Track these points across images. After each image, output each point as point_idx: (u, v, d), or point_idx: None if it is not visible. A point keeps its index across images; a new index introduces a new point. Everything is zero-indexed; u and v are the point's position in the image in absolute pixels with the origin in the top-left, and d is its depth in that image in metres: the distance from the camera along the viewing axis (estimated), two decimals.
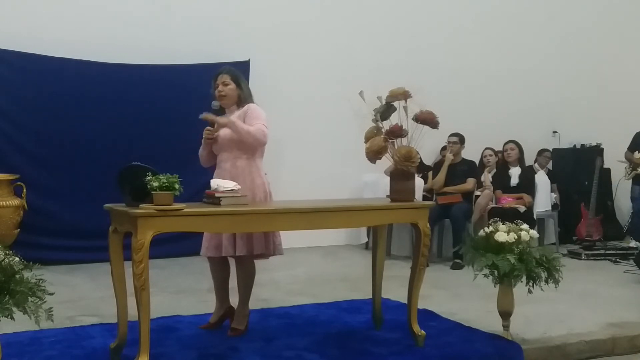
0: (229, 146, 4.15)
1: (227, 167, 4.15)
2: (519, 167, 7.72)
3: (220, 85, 4.21)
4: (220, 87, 4.21)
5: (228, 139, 4.14)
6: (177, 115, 7.14)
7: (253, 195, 4.08)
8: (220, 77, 4.23)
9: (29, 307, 2.96)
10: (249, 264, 4.22)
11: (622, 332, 4.49)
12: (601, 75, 9.44)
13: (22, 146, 6.73)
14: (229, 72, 4.27)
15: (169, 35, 7.22)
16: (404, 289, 4.16)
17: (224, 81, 4.21)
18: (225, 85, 4.21)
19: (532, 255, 4.02)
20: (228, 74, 4.24)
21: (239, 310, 4.27)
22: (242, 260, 4.18)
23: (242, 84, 4.29)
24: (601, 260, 7.43)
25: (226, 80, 4.22)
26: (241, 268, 4.22)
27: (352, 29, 8.18)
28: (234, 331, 4.19)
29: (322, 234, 6.57)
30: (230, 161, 4.15)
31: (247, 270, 4.22)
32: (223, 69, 4.33)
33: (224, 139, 4.15)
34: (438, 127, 4.14)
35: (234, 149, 4.15)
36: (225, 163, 4.16)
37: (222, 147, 4.18)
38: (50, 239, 6.60)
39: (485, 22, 8.89)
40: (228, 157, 4.16)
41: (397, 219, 4.48)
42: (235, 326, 4.22)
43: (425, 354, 3.91)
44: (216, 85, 4.23)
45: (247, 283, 4.24)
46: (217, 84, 4.22)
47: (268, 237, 4.12)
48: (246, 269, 4.21)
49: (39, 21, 6.77)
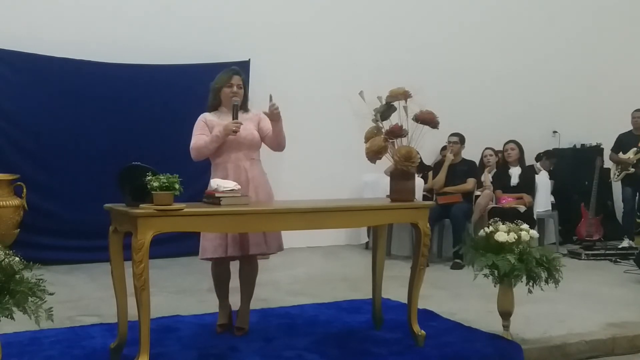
0: (248, 146, 4.16)
1: (245, 166, 4.14)
2: (519, 167, 7.72)
3: (236, 87, 4.19)
4: (236, 88, 4.19)
5: (250, 139, 4.16)
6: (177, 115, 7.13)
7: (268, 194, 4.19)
8: (235, 77, 4.21)
9: (29, 307, 2.96)
10: (255, 263, 4.24)
11: (622, 332, 4.49)
12: (601, 75, 9.44)
13: (22, 146, 6.73)
14: (242, 75, 4.27)
15: (169, 35, 7.22)
16: (404, 289, 4.16)
17: (239, 84, 4.21)
18: (239, 87, 4.20)
19: (532, 255, 4.02)
20: (241, 77, 4.24)
21: (245, 309, 4.27)
22: (249, 260, 4.19)
23: (247, 88, 4.31)
24: (601, 260, 7.42)
25: (240, 83, 4.22)
26: (248, 267, 4.22)
27: (352, 29, 8.17)
28: (241, 330, 4.20)
29: (322, 234, 6.57)
30: (248, 161, 4.17)
31: (254, 269, 4.24)
32: (238, 69, 4.30)
33: (246, 139, 4.14)
34: (438, 127, 4.15)
35: (250, 149, 4.18)
36: (244, 162, 4.15)
37: (239, 146, 4.14)
38: (50, 239, 6.60)
39: (486, 22, 8.89)
40: (245, 157, 4.16)
41: (397, 219, 4.48)
42: (241, 325, 4.22)
43: (425, 354, 3.91)
44: (230, 84, 4.19)
45: (252, 282, 4.26)
46: (232, 83, 4.19)
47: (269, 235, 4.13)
48: (253, 267, 4.24)
49: (39, 21, 6.77)
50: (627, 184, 8.07)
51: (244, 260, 4.21)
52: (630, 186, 8.06)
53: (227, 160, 4.16)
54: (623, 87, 9.44)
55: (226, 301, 4.33)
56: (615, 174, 8.19)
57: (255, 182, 4.15)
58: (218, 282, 4.32)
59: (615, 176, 8.20)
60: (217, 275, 4.31)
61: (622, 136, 8.19)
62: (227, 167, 4.14)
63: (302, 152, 7.79)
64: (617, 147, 8.18)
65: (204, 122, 4.21)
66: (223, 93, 4.21)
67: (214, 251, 4.10)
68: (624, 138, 8.17)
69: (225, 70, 4.28)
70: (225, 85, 4.20)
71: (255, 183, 4.15)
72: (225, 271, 4.30)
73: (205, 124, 4.20)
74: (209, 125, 4.19)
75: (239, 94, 4.19)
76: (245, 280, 4.26)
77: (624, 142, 8.14)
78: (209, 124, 4.19)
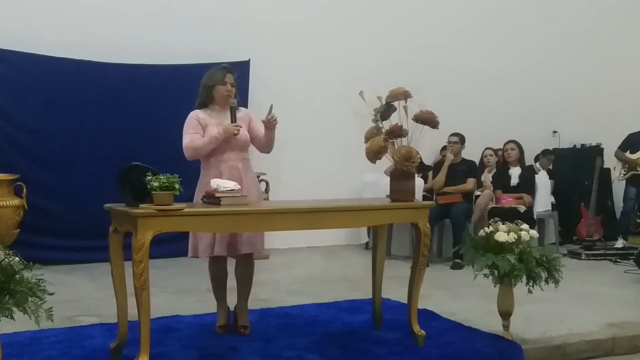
0: (241, 147, 4.19)
1: (239, 166, 4.15)
2: (519, 167, 7.72)
3: (229, 85, 4.19)
4: (229, 87, 4.19)
5: (244, 140, 4.18)
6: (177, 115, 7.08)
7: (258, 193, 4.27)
8: (229, 75, 4.21)
9: (29, 307, 2.96)
10: (249, 260, 4.26)
11: (622, 332, 4.49)
12: (601, 75, 9.44)
13: (22, 146, 6.73)
14: (234, 73, 4.27)
15: (169, 35, 7.22)
16: (404, 289, 4.16)
17: (232, 82, 4.21)
18: (232, 86, 4.21)
19: (532, 255, 4.02)
20: (234, 76, 4.24)
21: (244, 307, 4.28)
22: (248, 257, 4.21)
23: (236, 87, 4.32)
24: (601, 260, 7.42)
25: (233, 81, 4.22)
26: (246, 265, 4.24)
27: (352, 29, 8.17)
28: (245, 329, 4.22)
29: (322, 234, 6.57)
30: (241, 161, 4.18)
31: (249, 266, 4.26)
32: (230, 67, 4.29)
33: (240, 140, 4.15)
34: (438, 127, 4.15)
35: (242, 149, 4.21)
36: (237, 162, 4.16)
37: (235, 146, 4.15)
38: (50, 239, 6.60)
39: (486, 22, 8.89)
40: (238, 157, 4.17)
41: (397, 219, 4.49)
42: (244, 324, 4.24)
43: (425, 354, 3.91)
44: (224, 82, 4.19)
45: (249, 278, 4.28)
46: (226, 81, 4.19)
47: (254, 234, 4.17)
48: (248, 265, 4.25)
49: (39, 21, 6.77)
50: (632, 183, 8.01)
51: (239, 257, 4.21)
52: (634, 186, 7.97)
53: (221, 160, 4.15)
54: (623, 87, 9.45)
55: (224, 302, 4.34)
56: (621, 173, 8.07)
57: (248, 182, 4.16)
58: (214, 282, 4.33)
59: (621, 175, 8.11)
60: (213, 274, 4.31)
61: (632, 135, 8.07)
62: (220, 167, 4.14)
63: (302, 152, 7.80)
64: (626, 146, 8.07)
65: (196, 120, 4.19)
66: (216, 91, 4.19)
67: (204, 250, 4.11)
68: (635, 138, 8.04)
69: (218, 68, 4.26)
70: (220, 83, 4.18)
71: (248, 183, 4.15)
72: (221, 270, 4.29)
73: (198, 122, 4.17)
74: (201, 123, 4.17)
75: (233, 93, 4.19)
76: (241, 277, 4.27)
77: (634, 141, 8.03)
78: (202, 122, 4.17)
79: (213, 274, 4.32)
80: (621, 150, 8.10)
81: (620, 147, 8.11)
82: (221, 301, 4.33)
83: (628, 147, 8.05)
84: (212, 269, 4.30)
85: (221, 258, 4.21)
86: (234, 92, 4.22)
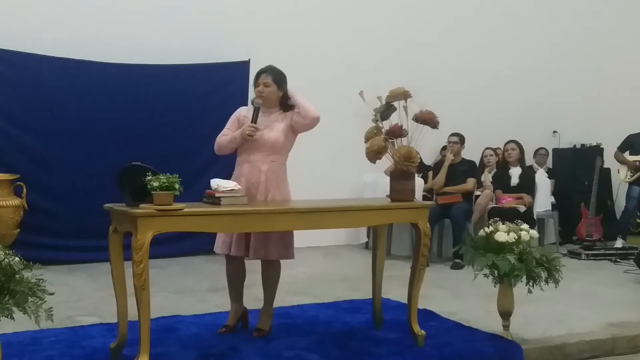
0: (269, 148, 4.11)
1: (262, 167, 4.09)
2: (519, 167, 7.72)
3: (261, 86, 4.14)
4: (261, 87, 4.14)
5: (271, 141, 4.10)
6: (177, 115, 7.15)
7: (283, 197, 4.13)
8: (262, 76, 4.16)
9: (29, 307, 2.96)
10: (275, 265, 4.21)
11: (622, 332, 4.49)
12: (601, 75, 9.43)
13: (22, 146, 6.72)
14: (272, 73, 4.18)
15: (169, 35, 7.21)
16: (404, 289, 4.16)
17: (265, 82, 4.14)
18: (266, 86, 4.14)
19: (532, 255, 4.02)
20: (271, 75, 4.16)
21: (266, 311, 4.25)
22: (269, 261, 4.17)
23: (285, 85, 4.21)
24: (601, 260, 7.42)
25: (267, 81, 4.14)
26: (271, 268, 4.20)
27: (353, 29, 8.17)
28: (260, 332, 4.17)
29: (322, 234, 6.56)
30: (267, 163, 4.10)
31: (276, 271, 4.22)
32: (266, 67, 4.22)
33: (268, 141, 4.09)
34: (438, 127, 4.15)
35: (271, 151, 4.12)
36: (261, 163, 4.10)
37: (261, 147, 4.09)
38: (50, 239, 6.59)
39: (486, 22, 8.88)
40: (264, 158, 4.10)
41: (397, 219, 4.49)
42: (261, 327, 4.20)
43: (425, 354, 3.91)
44: (257, 84, 4.16)
45: (275, 283, 4.24)
46: (258, 83, 4.15)
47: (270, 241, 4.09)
48: (276, 269, 4.22)
49: (39, 21, 6.76)
50: (636, 182, 7.96)
51: (264, 261, 4.18)
52: (639, 185, 7.93)
53: (246, 160, 4.13)
54: (623, 87, 9.44)
55: (235, 304, 4.27)
56: (627, 175, 8.00)
57: (269, 184, 4.09)
58: (228, 281, 4.29)
59: (627, 177, 8.03)
60: (228, 274, 4.28)
61: (632, 137, 8.03)
62: (243, 166, 4.13)
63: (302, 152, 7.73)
64: (625, 147, 8.04)
65: (237, 117, 4.23)
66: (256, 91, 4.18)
67: (221, 247, 4.12)
68: (634, 138, 8.01)
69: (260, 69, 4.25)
70: (254, 84, 4.19)
71: (269, 185, 4.09)
72: (236, 271, 4.24)
73: (237, 120, 4.21)
74: (240, 121, 4.19)
75: (264, 93, 4.12)
76: (265, 282, 4.24)
77: (634, 142, 7.99)
78: (241, 121, 4.19)
79: (227, 273, 4.28)
80: (620, 151, 8.08)
81: (620, 147, 8.09)
82: (233, 302, 4.28)
83: (627, 148, 8.04)
84: (227, 267, 4.27)
85: (237, 258, 4.16)
86: (268, 92, 4.13)
